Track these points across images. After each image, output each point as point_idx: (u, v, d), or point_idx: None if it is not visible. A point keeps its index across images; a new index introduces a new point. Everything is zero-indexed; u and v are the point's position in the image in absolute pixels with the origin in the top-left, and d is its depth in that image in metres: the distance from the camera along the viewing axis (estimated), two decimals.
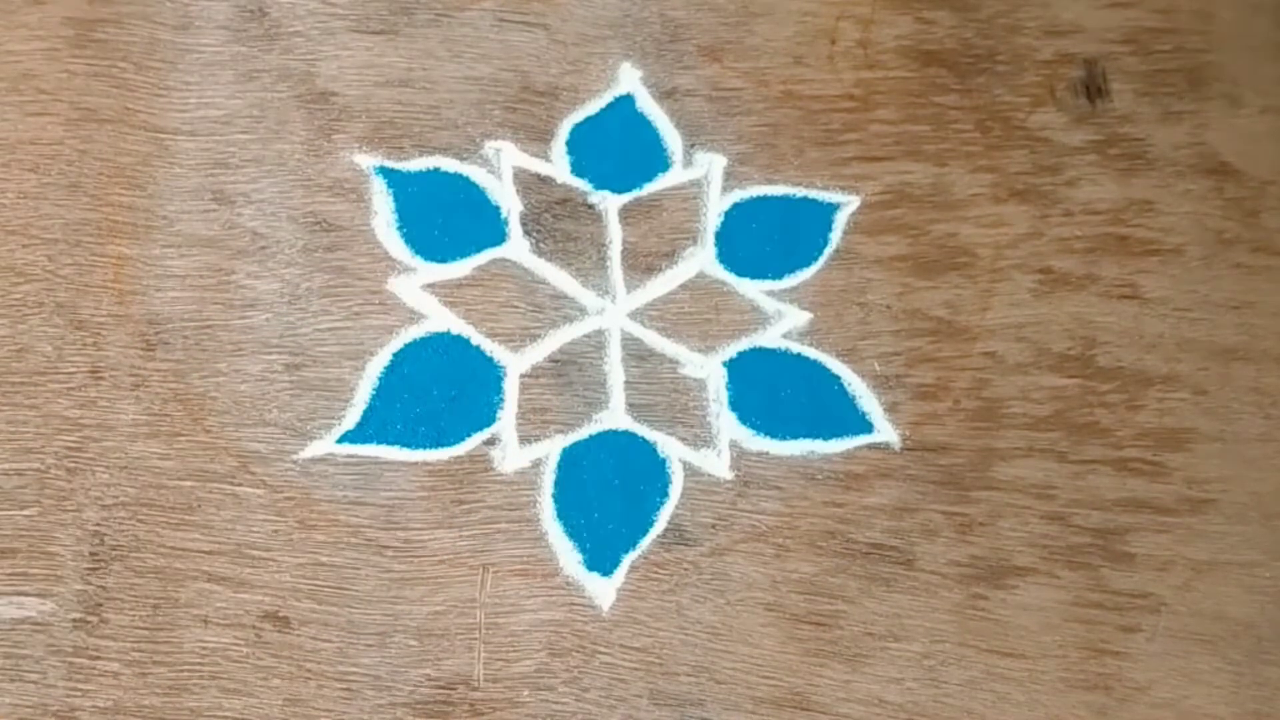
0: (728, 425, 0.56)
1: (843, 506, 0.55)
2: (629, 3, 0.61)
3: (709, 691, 0.52)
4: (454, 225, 0.57)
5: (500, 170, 0.58)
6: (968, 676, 0.54)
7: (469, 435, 0.54)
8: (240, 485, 0.52)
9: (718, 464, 0.55)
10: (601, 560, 0.54)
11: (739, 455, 0.55)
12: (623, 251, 0.58)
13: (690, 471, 0.55)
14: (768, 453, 0.56)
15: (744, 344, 0.57)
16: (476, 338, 0.56)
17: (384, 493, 0.53)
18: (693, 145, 0.60)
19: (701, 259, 0.58)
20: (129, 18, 0.57)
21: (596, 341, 0.56)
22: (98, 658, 0.50)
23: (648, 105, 0.60)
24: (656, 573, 0.54)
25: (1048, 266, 0.60)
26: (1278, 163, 0.62)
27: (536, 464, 0.54)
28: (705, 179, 0.59)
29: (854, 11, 0.62)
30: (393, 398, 0.55)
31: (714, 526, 0.54)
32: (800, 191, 0.59)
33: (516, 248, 0.57)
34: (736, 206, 0.59)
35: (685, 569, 0.54)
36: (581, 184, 0.58)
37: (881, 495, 0.56)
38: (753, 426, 0.56)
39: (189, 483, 0.52)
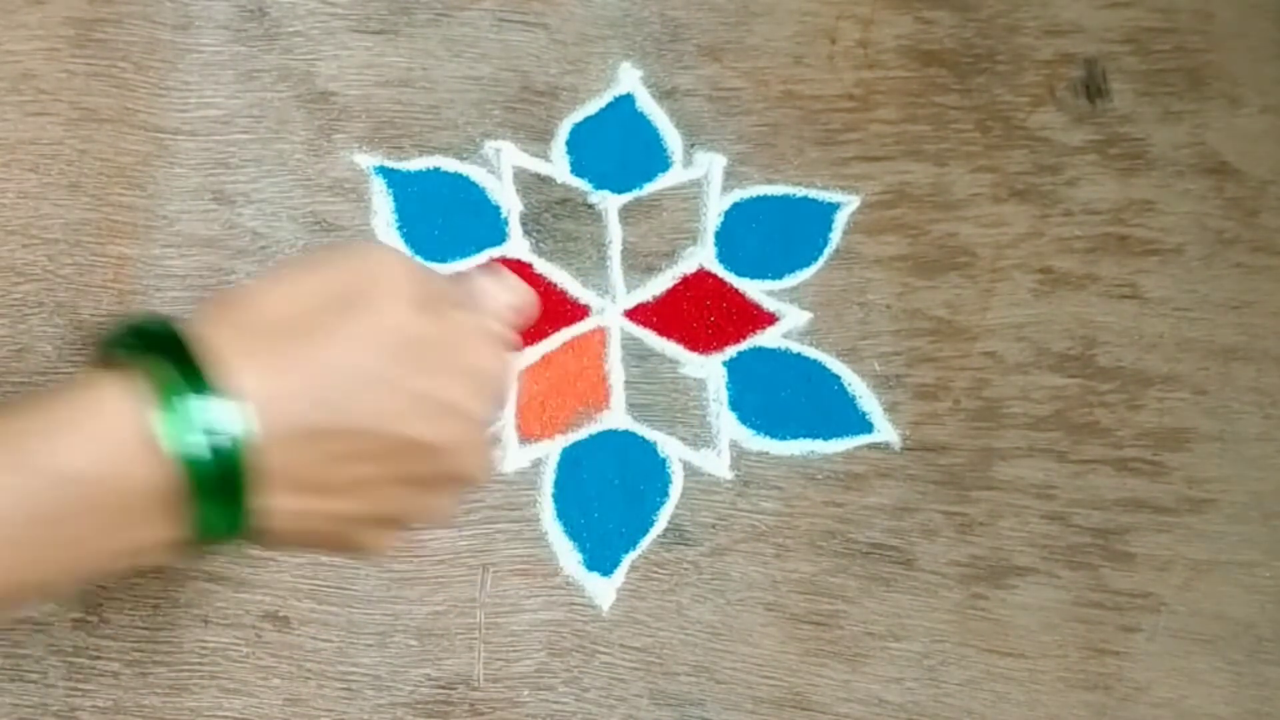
0: (728, 425, 0.56)
1: (843, 506, 0.55)
2: (629, 2, 0.61)
3: (709, 691, 0.52)
4: (454, 225, 0.57)
5: (500, 170, 0.58)
6: (968, 676, 0.54)
7: None
8: None
9: (718, 464, 0.55)
10: (601, 560, 0.54)
11: (739, 455, 0.55)
12: (623, 251, 0.58)
13: (690, 471, 0.55)
14: (768, 453, 0.56)
15: (744, 344, 0.57)
16: None
17: None
18: (693, 145, 0.60)
19: (701, 259, 0.58)
20: (129, 18, 0.56)
21: (596, 341, 0.56)
22: (98, 658, 0.50)
23: (648, 105, 0.60)
24: (656, 573, 0.54)
25: (1048, 266, 0.60)
26: (1277, 162, 0.62)
27: (536, 464, 0.54)
28: (705, 179, 0.59)
29: (854, 11, 0.62)
30: None
31: (714, 526, 0.54)
32: (800, 191, 0.59)
33: (516, 247, 0.57)
34: (736, 206, 0.59)
35: (685, 569, 0.54)
36: (581, 184, 0.58)
37: (881, 495, 0.56)
38: (753, 426, 0.56)
39: None
